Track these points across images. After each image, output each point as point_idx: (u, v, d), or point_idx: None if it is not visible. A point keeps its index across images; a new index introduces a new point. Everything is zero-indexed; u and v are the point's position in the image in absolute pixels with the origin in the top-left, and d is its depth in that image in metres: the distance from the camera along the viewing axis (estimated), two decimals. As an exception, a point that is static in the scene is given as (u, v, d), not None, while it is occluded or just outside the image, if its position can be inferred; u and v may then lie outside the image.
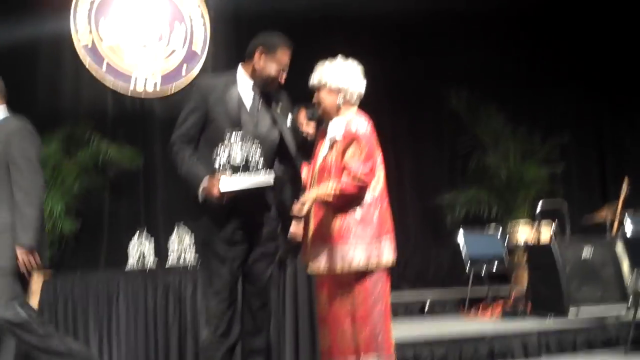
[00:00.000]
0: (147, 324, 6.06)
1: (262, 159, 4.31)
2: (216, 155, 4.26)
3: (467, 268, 7.94)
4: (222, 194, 4.20)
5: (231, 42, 8.55)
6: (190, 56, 8.40)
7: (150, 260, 6.58)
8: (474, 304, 7.78)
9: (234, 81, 4.53)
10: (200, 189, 4.27)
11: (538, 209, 8.25)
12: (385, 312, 4.44)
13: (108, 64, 8.17)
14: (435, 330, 6.52)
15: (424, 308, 7.86)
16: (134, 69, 8.21)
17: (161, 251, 6.64)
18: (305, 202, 4.32)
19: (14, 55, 7.67)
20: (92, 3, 8.18)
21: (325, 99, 4.57)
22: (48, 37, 8.06)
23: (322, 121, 4.74)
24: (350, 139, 4.45)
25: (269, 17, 8.33)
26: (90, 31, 8.16)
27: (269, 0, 8.38)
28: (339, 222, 4.37)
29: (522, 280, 8.10)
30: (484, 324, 6.94)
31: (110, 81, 8.16)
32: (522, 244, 8.45)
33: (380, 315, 4.41)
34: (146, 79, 8.22)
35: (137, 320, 6.14)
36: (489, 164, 9.28)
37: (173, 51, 8.31)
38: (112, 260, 7.55)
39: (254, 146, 4.30)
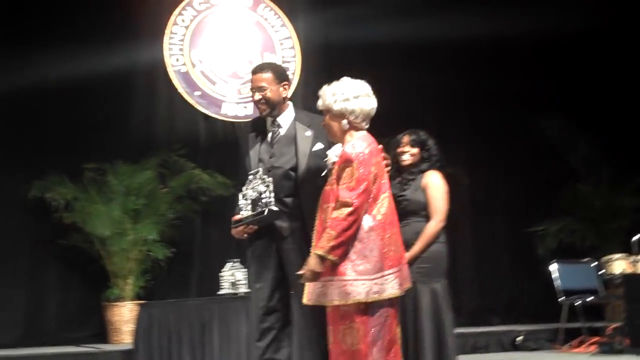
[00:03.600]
0: (239, 350, 6.09)
1: (271, 193, 4.44)
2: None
3: (561, 300, 7.77)
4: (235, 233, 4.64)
5: (321, 69, 8.57)
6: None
7: (243, 287, 6.61)
8: (568, 338, 7.60)
9: (261, 119, 4.83)
10: None
11: (634, 239, 8.04)
12: (387, 349, 4.25)
13: (202, 92, 8.28)
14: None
15: (515, 341, 7.72)
16: (225, 94, 8.31)
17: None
18: (306, 270, 4.19)
19: (109, 83, 7.83)
20: (186, 28, 8.31)
21: (330, 124, 4.39)
22: (142, 65, 8.21)
23: None
24: (344, 163, 4.23)
25: (360, 45, 8.38)
26: (184, 57, 8.28)
27: (359, 29, 8.38)
28: None
29: (619, 313, 7.89)
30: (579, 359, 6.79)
31: (202, 107, 8.26)
32: (619, 275, 8.22)
33: (381, 352, 4.22)
34: (237, 105, 8.32)
35: (230, 346, 6.18)
36: (582, 193, 9.10)
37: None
38: (203, 287, 7.62)
39: (267, 181, 4.46)
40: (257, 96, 4.76)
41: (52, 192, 7.39)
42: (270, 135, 4.80)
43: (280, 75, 4.83)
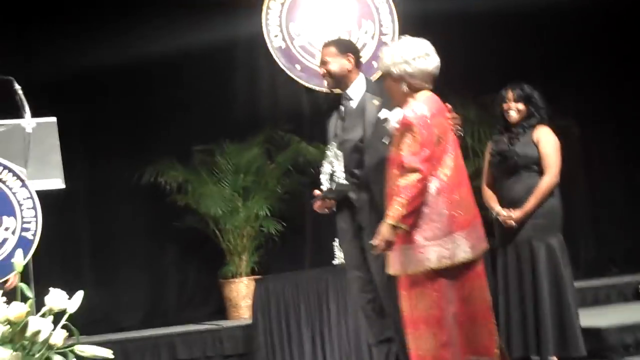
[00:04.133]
0: (356, 320, 6.10)
1: (341, 166, 4.46)
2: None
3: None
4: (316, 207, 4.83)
5: (419, 35, 8.45)
6: (381, 50, 8.38)
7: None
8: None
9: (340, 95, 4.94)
10: None
11: None
12: (466, 313, 4.16)
13: (303, 65, 8.29)
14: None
15: (638, 291, 7.52)
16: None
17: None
18: (377, 243, 4.14)
19: (210, 61, 7.92)
20: (282, 4, 8.32)
21: (391, 88, 4.30)
22: (242, 42, 8.25)
23: None
24: (404, 128, 4.14)
25: (458, 11, 8.23)
26: (282, 32, 8.30)
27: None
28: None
29: None
30: None
31: (303, 80, 8.28)
32: None
33: (458, 317, 4.14)
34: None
35: (347, 316, 6.21)
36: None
37: (364, 44, 8.33)
38: (317, 259, 7.67)
39: (338, 155, 4.49)
40: (322, 70, 4.85)
41: (164, 175, 7.53)
42: (342, 108, 4.84)
43: (344, 47, 4.87)
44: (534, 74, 7.76)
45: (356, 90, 4.85)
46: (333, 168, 4.75)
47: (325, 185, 4.78)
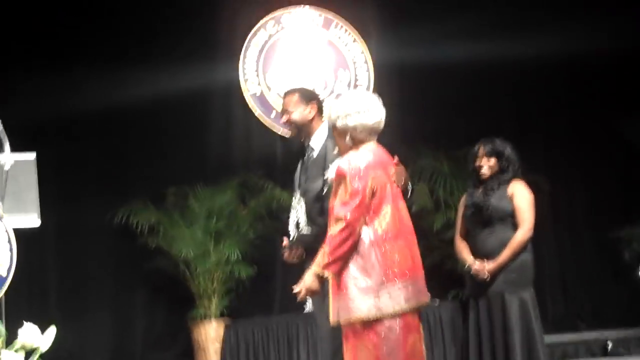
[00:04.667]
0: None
1: (304, 216, 4.48)
2: None
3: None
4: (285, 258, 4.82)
5: (395, 87, 8.54)
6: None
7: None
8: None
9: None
10: None
11: None
12: None
13: (277, 112, 8.34)
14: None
15: (606, 348, 7.55)
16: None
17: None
18: (301, 287, 4.20)
19: (186, 105, 7.94)
20: (260, 52, 8.39)
21: (336, 139, 4.34)
22: (218, 88, 8.30)
23: None
24: (338, 179, 4.16)
25: (434, 64, 8.32)
26: (258, 79, 8.35)
27: (433, 47, 8.32)
28: (344, 270, 4.10)
29: None
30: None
31: (279, 129, 8.32)
32: None
33: None
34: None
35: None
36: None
37: (339, 95, 8.38)
38: (287, 305, 7.63)
39: (302, 204, 4.52)
40: (283, 118, 4.86)
41: (136, 217, 7.52)
42: (305, 158, 4.86)
43: (307, 96, 4.90)
44: (507, 128, 7.84)
45: (318, 140, 4.86)
46: (298, 217, 4.78)
47: (293, 234, 4.79)
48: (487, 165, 5.64)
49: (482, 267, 5.53)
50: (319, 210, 4.73)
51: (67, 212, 7.51)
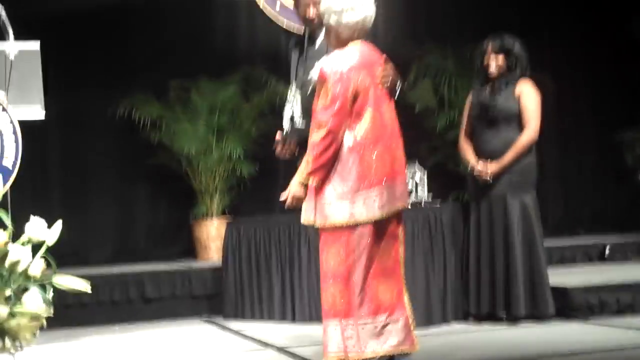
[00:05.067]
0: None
1: (299, 109, 4.41)
2: None
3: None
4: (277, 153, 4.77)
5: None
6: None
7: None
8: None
9: (304, 35, 4.87)
10: None
11: None
12: (371, 272, 4.13)
13: (281, 4, 8.18)
14: (619, 276, 6.20)
15: (603, 253, 7.59)
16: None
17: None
18: (287, 196, 4.17)
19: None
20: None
21: (326, 36, 4.30)
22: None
23: None
24: (320, 82, 4.13)
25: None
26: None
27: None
28: None
29: None
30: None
31: (283, 22, 8.17)
32: None
33: (364, 275, 4.11)
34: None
35: (317, 262, 6.21)
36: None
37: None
38: (288, 204, 7.63)
39: (297, 97, 4.45)
40: (312, 12, 4.72)
41: (138, 110, 7.43)
42: (305, 49, 4.77)
43: None
44: (513, 25, 7.71)
45: (321, 33, 4.80)
46: (292, 110, 4.71)
47: (287, 128, 4.72)
48: (494, 63, 5.56)
49: (485, 168, 5.52)
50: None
51: (70, 104, 7.41)
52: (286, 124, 4.77)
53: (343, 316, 4.12)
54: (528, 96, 5.52)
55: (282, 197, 4.20)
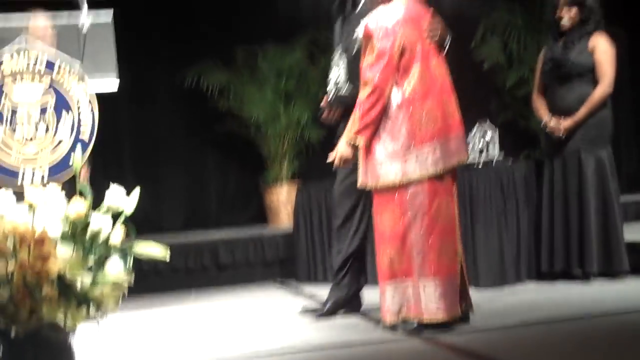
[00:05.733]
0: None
1: (344, 74, 4.33)
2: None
3: None
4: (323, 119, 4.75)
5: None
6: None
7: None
8: None
9: None
10: None
11: None
12: (428, 231, 4.05)
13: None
14: None
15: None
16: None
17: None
18: (335, 156, 4.11)
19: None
20: None
21: None
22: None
23: None
24: (365, 39, 4.05)
25: None
26: None
27: None
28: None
29: None
30: None
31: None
32: None
33: (421, 234, 4.04)
34: None
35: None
36: None
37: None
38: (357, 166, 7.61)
39: (342, 61, 4.37)
40: None
41: (206, 78, 7.48)
42: (347, 13, 4.70)
43: None
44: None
45: None
46: (339, 74, 4.65)
47: (332, 92, 4.67)
48: (567, 16, 5.45)
49: (558, 124, 5.43)
50: (359, 68, 4.62)
51: (138, 74, 7.42)
52: (332, 88, 4.71)
53: (403, 276, 4.10)
54: (602, 50, 5.40)
55: (330, 158, 4.16)
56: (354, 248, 4.79)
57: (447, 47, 4.29)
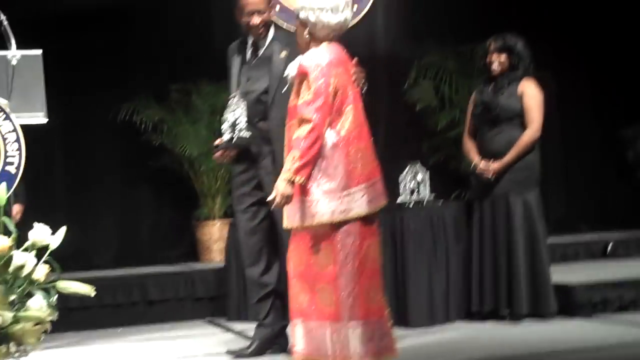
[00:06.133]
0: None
1: (243, 117, 4.44)
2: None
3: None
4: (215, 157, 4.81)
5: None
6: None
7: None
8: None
9: (245, 41, 4.87)
10: None
11: None
12: (359, 272, 4.05)
13: (281, 6, 8.03)
14: (622, 273, 6.19)
15: (606, 249, 7.58)
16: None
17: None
18: (276, 195, 4.03)
19: (191, 2, 7.79)
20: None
21: (297, 30, 4.22)
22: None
23: None
24: (300, 77, 4.07)
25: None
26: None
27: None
28: None
29: None
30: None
31: (283, 24, 7.99)
32: None
33: (352, 276, 4.03)
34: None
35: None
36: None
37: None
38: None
39: (241, 105, 4.46)
40: (257, 20, 4.70)
41: (140, 114, 7.46)
42: (248, 57, 4.78)
43: None
44: (513, 23, 7.68)
45: (265, 40, 4.80)
46: (235, 118, 4.71)
47: (227, 135, 4.71)
48: (497, 61, 5.58)
49: (487, 167, 5.53)
50: (261, 114, 4.70)
51: (71, 109, 7.41)
52: (226, 130, 4.75)
53: (332, 319, 4.06)
54: (531, 95, 5.53)
55: (270, 198, 4.12)
56: (272, 286, 4.80)
57: (364, 95, 4.35)
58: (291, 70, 4.28)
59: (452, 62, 7.90)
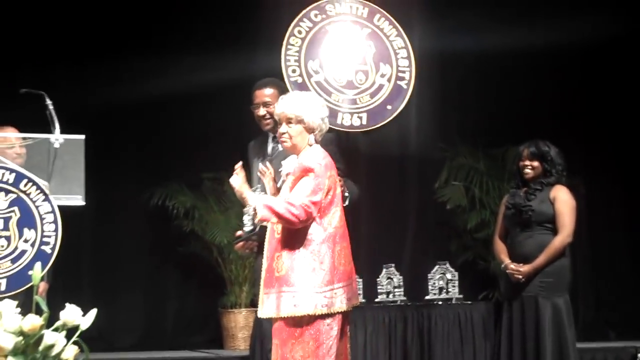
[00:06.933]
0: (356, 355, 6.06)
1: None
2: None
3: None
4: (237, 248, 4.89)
5: (435, 78, 8.49)
6: (396, 92, 8.39)
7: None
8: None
9: (266, 135, 4.97)
10: None
11: None
12: None
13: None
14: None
15: (635, 357, 7.49)
16: (341, 104, 8.31)
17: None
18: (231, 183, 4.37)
19: (226, 93, 7.89)
20: (302, 40, 8.35)
21: (299, 133, 4.28)
22: (259, 75, 8.23)
23: None
24: (303, 172, 4.18)
25: (474, 53, 8.26)
26: (300, 68, 8.31)
27: (474, 36, 8.27)
28: (288, 263, 4.10)
29: None
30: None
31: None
32: None
33: None
34: (352, 115, 8.31)
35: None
36: None
37: (380, 86, 8.34)
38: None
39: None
40: (262, 111, 4.83)
41: (172, 200, 7.58)
42: (269, 151, 4.84)
43: (283, 91, 4.87)
44: (545, 128, 7.76)
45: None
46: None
47: (248, 226, 4.74)
48: (530, 167, 5.63)
49: (518, 268, 5.52)
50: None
51: (105, 193, 7.49)
52: (247, 222, 4.79)
53: None
54: (563, 201, 5.55)
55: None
56: None
57: (346, 201, 4.48)
58: (286, 168, 4.38)
59: (482, 163, 7.97)
